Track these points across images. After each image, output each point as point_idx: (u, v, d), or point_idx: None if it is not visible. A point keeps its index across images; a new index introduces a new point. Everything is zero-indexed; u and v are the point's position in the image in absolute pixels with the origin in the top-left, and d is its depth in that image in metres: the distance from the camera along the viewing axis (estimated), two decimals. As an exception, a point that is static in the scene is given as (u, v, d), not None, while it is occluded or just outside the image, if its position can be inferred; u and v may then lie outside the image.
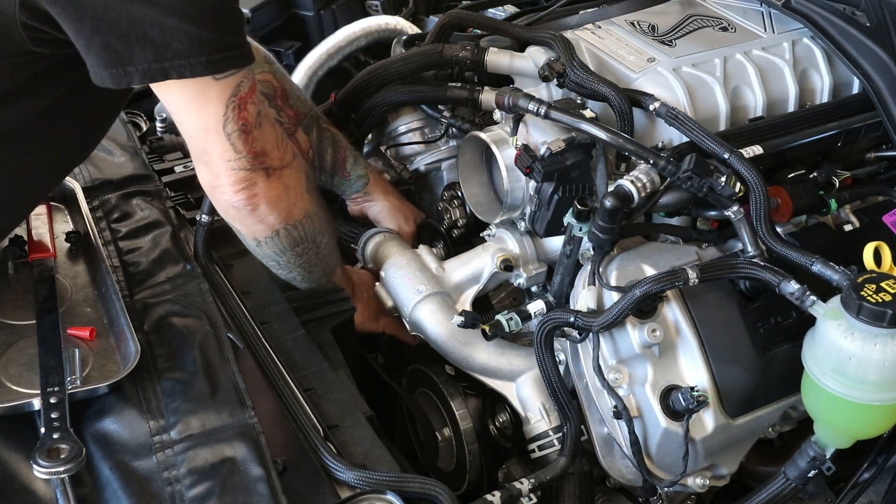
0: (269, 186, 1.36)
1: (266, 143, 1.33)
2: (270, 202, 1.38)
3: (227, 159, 1.31)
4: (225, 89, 1.24)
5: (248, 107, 1.28)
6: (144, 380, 1.35)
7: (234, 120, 1.27)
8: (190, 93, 1.24)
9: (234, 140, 1.29)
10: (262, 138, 1.32)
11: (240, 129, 1.28)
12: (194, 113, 1.27)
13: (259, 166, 1.33)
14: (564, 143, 1.41)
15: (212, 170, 1.33)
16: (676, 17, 1.69)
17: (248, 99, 1.27)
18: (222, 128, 1.27)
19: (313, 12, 2.27)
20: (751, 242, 1.32)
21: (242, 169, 1.32)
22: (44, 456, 1.20)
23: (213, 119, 1.26)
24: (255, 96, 1.29)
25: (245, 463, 1.23)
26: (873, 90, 1.50)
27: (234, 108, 1.26)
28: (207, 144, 1.30)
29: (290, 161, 1.39)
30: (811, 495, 1.55)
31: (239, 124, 1.28)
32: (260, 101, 1.31)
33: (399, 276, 1.58)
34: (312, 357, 1.52)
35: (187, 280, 1.55)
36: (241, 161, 1.31)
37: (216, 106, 1.25)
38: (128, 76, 1.19)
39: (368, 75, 1.71)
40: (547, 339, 1.36)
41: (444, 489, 1.24)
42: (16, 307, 1.50)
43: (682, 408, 1.29)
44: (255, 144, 1.31)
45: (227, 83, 1.24)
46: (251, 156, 1.32)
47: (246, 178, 1.33)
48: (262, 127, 1.31)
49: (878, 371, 1.15)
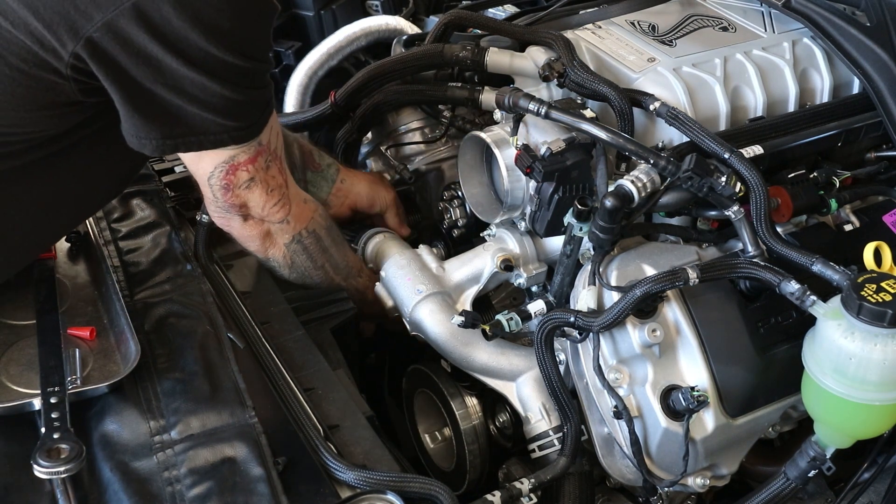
0: (244, 227, 1.49)
1: (248, 201, 1.44)
2: (245, 239, 1.52)
3: (209, 201, 1.45)
4: (219, 156, 1.35)
5: (237, 173, 1.38)
6: (145, 380, 1.36)
7: (218, 178, 1.38)
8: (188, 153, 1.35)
9: (215, 191, 1.41)
10: (245, 196, 1.42)
11: (222, 186, 1.40)
12: (188, 161, 1.41)
13: (236, 213, 1.46)
14: (565, 143, 1.41)
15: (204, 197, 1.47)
16: (677, 17, 1.69)
17: (239, 167, 1.37)
18: (206, 180, 1.39)
19: (313, 12, 2.27)
20: (751, 242, 1.32)
21: (219, 209, 1.45)
22: (44, 456, 1.20)
23: (201, 172, 1.39)
24: (251, 165, 1.38)
25: (245, 463, 1.23)
26: (873, 90, 1.50)
27: (223, 171, 1.37)
28: (195, 181, 1.45)
29: (277, 220, 1.49)
30: (811, 495, 1.55)
31: (222, 183, 1.39)
32: (260, 170, 1.40)
33: (399, 276, 1.58)
34: (312, 357, 1.52)
35: (187, 280, 1.55)
36: (220, 206, 1.44)
37: (206, 165, 1.37)
38: (141, 146, 1.28)
39: (368, 75, 1.71)
40: (547, 338, 1.36)
41: (444, 489, 1.24)
42: (16, 307, 1.50)
43: (683, 408, 1.29)
44: (235, 200, 1.42)
45: (222, 152, 1.34)
46: (228, 205, 1.43)
47: (225, 218, 1.48)
48: (249, 189, 1.41)
49: (879, 371, 1.15)
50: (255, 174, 1.39)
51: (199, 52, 1.19)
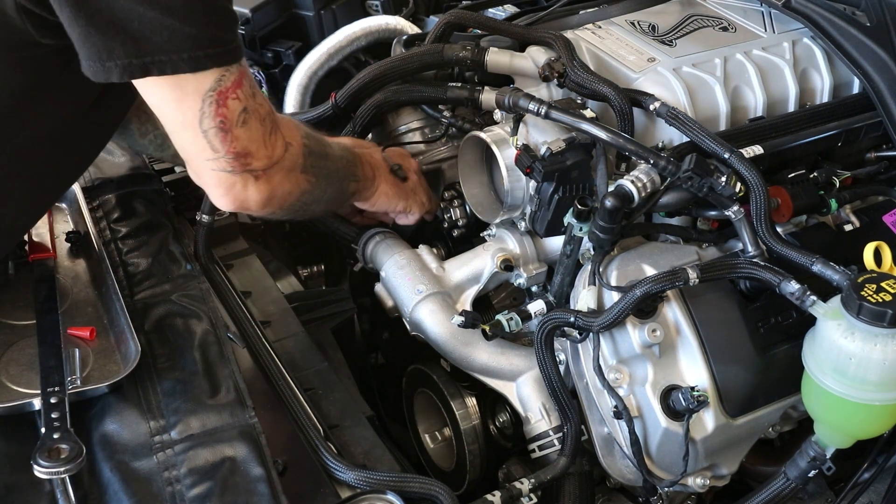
0: (258, 190, 1.29)
1: (250, 143, 1.25)
2: (261, 203, 1.31)
3: (205, 158, 1.24)
4: (203, 83, 1.18)
5: (228, 102, 1.21)
6: (145, 380, 1.36)
7: (211, 116, 1.20)
8: (167, 86, 1.18)
9: (210, 138, 1.22)
10: (244, 137, 1.24)
11: (217, 127, 1.21)
12: (172, 107, 1.21)
13: (242, 169, 1.26)
14: (565, 143, 1.41)
15: (195, 168, 1.28)
16: (677, 17, 1.69)
17: (229, 94, 1.21)
18: (198, 124, 1.21)
19: (313, 12, 2.27)
20: (751, 242, 1.32)
21: (223, 171, 1.25)
22: (44, 456, 1.20)
23: (190, 114, 1.20)
24: (240, 91, 1.22)
25: (245, 463, 1.23)
26: (873, 90, 1.50)
27: (212, 103, 1.20)
28: (185, 140, 1.24)
29: (279, 156, 1.30)
30: (811, 495, 1.56)
31: (216, 121, 1.21)
32: (248, 96, 1.24)
33: (399, 276, 1.58)
34: (312, 357, 1.52)
35: (187, 280, 1.55)
36: (221, 162, 1.24)
37: (193, 100, 1.19)
38: (106, 71, 1.15)
39: (368, 75, 1.70)
40: (547, 339, 1.36)
41: (445, 489, 1.24)
42: (16, 307, 1.50)
43: (683, 408, 1.29)
44: (236, 144, 1.23)
45: (206, 76, 1.18)
46: (231, 156, 1.24)
47: (229, 181, 1.26)
48: (246, 125, 1.24)
49: (879, 371, 1.15)
50: (245, 102, 1.23)
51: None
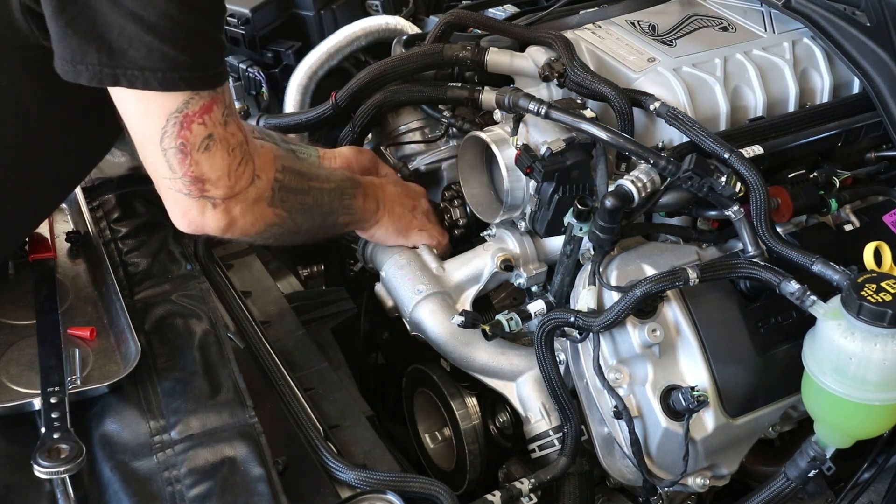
0: (216, 218, 1.27)
1: (210, 171, 1.23)
2: (219, 231, 1.29)
3: (163, 176, 1.23)
4: (169, 102, 1.18)
5: (192, 126, 1.19)
6: (145, 380, 1.36)
7: (172, 136, 1.19)
8: (134, 98, 1.18)
9: (169, 157, 1.20)
10: (205, 163, 1.22)
11: (177, 148, 1.20)
12: (137, 119, 1.20)
13: (199, 195, 1.24)
14: (565, 143, 1.41)
15: (155, 182, 1.26)
16: (676, 17, 1.69)
17: (194, 118, 1.19)
18: (159, 141, 1.20)
19: (313, 12, 2.27)
20: (751, 242, 1.32)
21: (179, 192, 1.23)
22: (44, 456, 1.20)
23: (152, 130, 1.19)
24: (207, 117, 1.20)
25: (245, 463, 1.23)
26: (873, 90, 1.50)
27: (175, 124, 1.19)
28: (145, 155, 1.23)
29: (242, 188, 1.28)
30: (811, 495, 1.56)
31: (177, 142, 1.19)
32: (217, 124, 1.22)
33: (399, 276, 1.58)
34: (312, 357, 1.52)
35: (187, 280, 1.55)
36: (177, 183, 1.22)
37: (157, 117, 1.18)
38: (76, 73, 1.15)
39: (368, 75, 1.70)
40: (547, 338, 1.36)
41: (444, 489, 1.24)
42: (16, 307, 1.50)
43: (683, 408, 1.29)
44: (194, 168, 1.21)
45: (173, 97, 1.17)
46: (188, 179, 1.22)
47: (186, 204, 1.25)
48: (209, 151, 1.21)
49: (879, 371, 1.15)
50: (212, 130, 1.21)
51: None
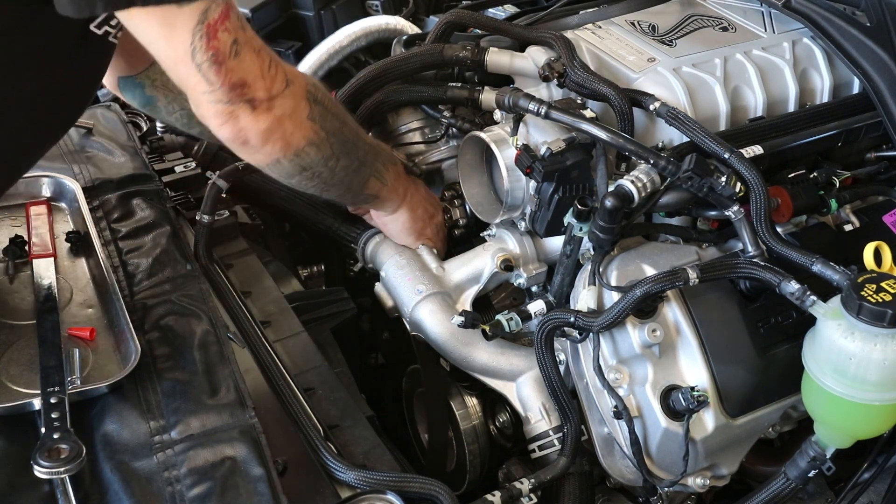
0: (256, 120, 1.27)
1: (246, 74, 1.23)
2: (260, 136, 1.29)
3: (202, 91, 1.22)
4: (191, 16, 1.16)
5: (218, 35, 1.19)
6: (144, 380, 1.35)
7: (202, 49, 1.18)
8: (155, 22, 1.17)
9: (205, 71, 1.20)
10: (239, 69, 1.22)
11: (210, 60, 1.19)
12: (163, 44, 1.19)
13: (239, 99, 1.24)
14: (564, 143, 1.41)
15: (193, 101, 1.26)
16: (676, 17, 1.69)
17: (218, 26, 1.18)
18: (191, 58, 1.19)
19: (313, 12, 2.27)
20: (751, 242, 1.33)
21: (219, 102, 1.23)
22: (44, 456, 1.20)
23: (181, 49, 1.18)
24: (228, 23, 1.20)
25: (245, 463, 1.23)
26: (873, 90, 1.50)
27: (202, 36, 1.18)
28: (180, 76, 1.23)
29: (280, 90, 1.28)
30: (811, 495, 1.56)
31: (209, 54, 1.19)
32: (237, 28, 1.22)
33: (399, 276, 1.58)
34: (312, 357, 1.52)
35: (187, 280, 1.55)
36: (218, 94, 1.22)
37: (182, 35, 1.17)
38: (90, 5, 1.12)
39: (368, 75, 1.70)
40: (547, 339, 1.36)
41: (444, 489, 1.24)
42: (16, 307, 1.50)
43: (683, 408, 1.29)
44: (231, 76, 1.22)
45: (193, 9, 1.16)
46: (227, 87, 1.22)
47: (226, 112, 1.25)
48: (239, 56, 1.22)
49: (879, 371, 1.15)
50: (236, 34, 1.21)
51: None
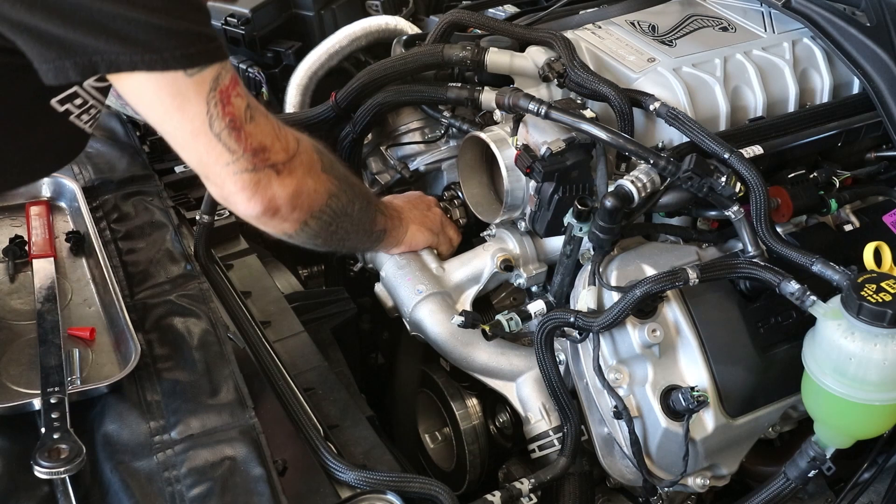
0: (283, 185, 1.27)
1: (263, 137, 1.23)
2: (290, 201, 1.29)
3: (225, 163, 1.21)
4: (202, 84, 1.15)
5: (232, 100, 1.18)
6: (144, 380, 1.36)
7: (219, 117, 1.18)
8: (166, 95, 1.15)
9: (224, 139, 1.19)
10: (257, 132, 1.22)
11: (228, 126, 1.19)
12: (177, 118, 1.18)
13: (264, 165, 1.24)
14: (564, 143, 1.41)
15: (215, 180, 1.24)
16: (676, 17, 1.69)
17: (230, 91, 1.18)
18: (209, 128, 1.18)
19: (313, 12, 2.27)
20: (751, 242, 1.33)
21: (246, 171, 1.23)
22: (44, 456, 1.20)
23: (198, 120, 1.17)
24: (238, 88, 1.20)
25: (245, 463, 1.23)
26: (873, 90, 1.50)
27: (217, 103, 1.17)
28: (199, 151, 1.21)
29: (295, 148, 1.29)
30: (811, 495, 1.56)
31: (226, 121, 1.18)
32: (246, 93, 1.22)
33: (399, 276, 1.58)
34: (312, 357, 1.52)
35: (187, 280, 1.55)
36: (242, 162, 1.22)
37: (197, 104, 1.16)
38: (93, 65, 1.09)
39: (368, 75, 1.70)
40: (547, 339, 1.36)
41: (444, 489, 1.24)
42: (16, 307, 1.51)
43: (683, 408, 1.29)
44: (251, 140, 1.22)
45: (203, 77, 1.15)
46: (250, 153, 1.22)
47: (254, 182, 1.24)
48: (254, 120, 1.22)
49: (878, 371, 1.15)
50: (247, 99, 1.21)
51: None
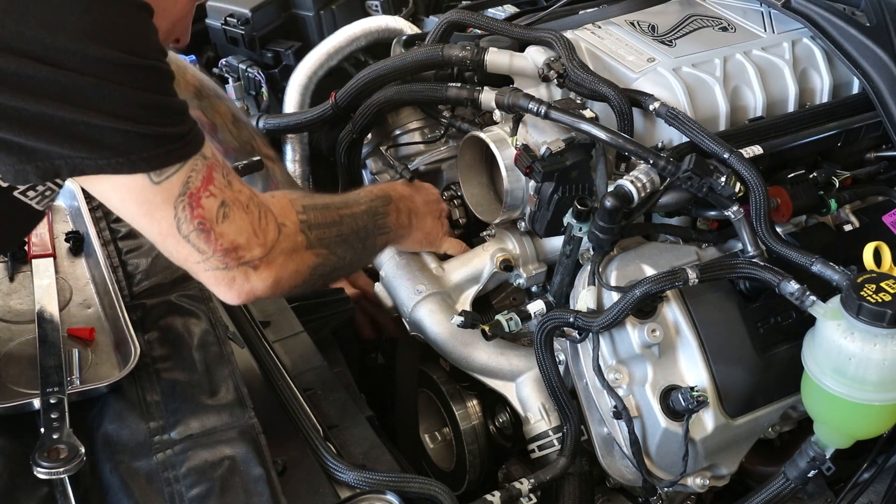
0: (261, 278, 1.23)
1: (238, 236, 1.19)
2: (268, 290, 1.25)
3: (195, 261, 1.19)
4: (170, 191, 1.12)
5: (202, 202, 1.14)
6: (144, 380, 1.35)
7: (188, 220, 1.14)
8: (132, 202, 1.12)
9: (193, 241, 1.16)
10: (229, 232, 1.18)
11: (197, 229, 1.15)
12: (145, 220, 1.15)
13: (237, 264, 1.20)
14: (564, 143, 1.41)
15: (188, 270, 1.22)
16: (676, 17, 1.69)
17: (201, 193, 1.14)
18: (177, 231, 1.15)
19: (313, 12, 2.27)
20: (751, 242, 1.32)
21: (217, 269, 1.19)
22: (44, 456, 1.20)
23: (165, 223, 1.14)
24: (213, 186, 1.15)
25: (245, 463, 1.23)
26: (873, 90, 1.50)
27: (185, 207, 1.14)
28: (169, 250, 1.18)
29: (275, 239, 1.24)
30: (811, 495, 1.55)
31: (195, 224, 1.15)
32: (223, 188, 1.17)
33: (399, 276, 1.58)
34: (312, 357, 1.52)
35: (187, 280, 1.55)
36: (212, 261, 1.18)
37: (164, 210, 1.13)
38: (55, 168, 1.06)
39: (368, 75, 1.70)
40: (547, 339, 1.36)
41: (444, 489, 1.24)
42: (16, 307, 1.51)
43: (682, 408, 1.29)
44: (222, 241, 1.17)
45: (171, 183, 1.12)
46: (221, 254, 1.18)
47: (229, 279, 1.21)
48: (228, 218, 1.17)
49: (878, 371, 1.15)
50: (222, 196, 1.17)
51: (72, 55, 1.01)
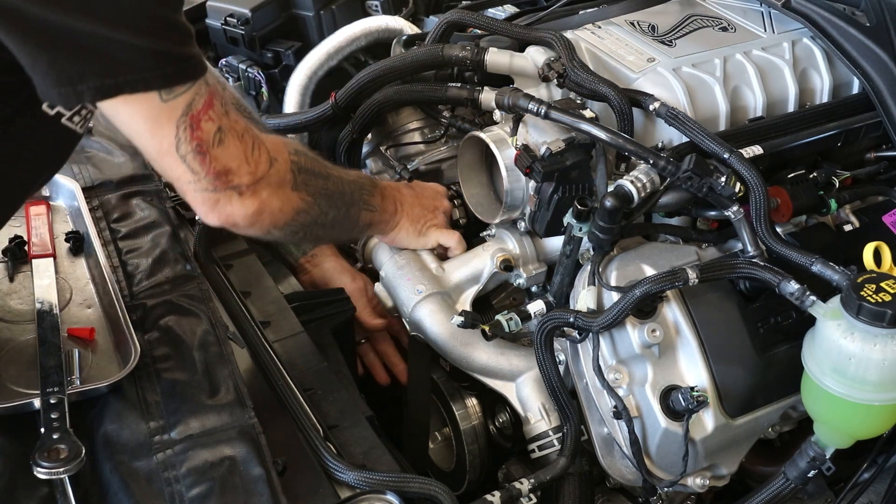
0: (242, 205, 1.29)
1: (230, 161, 1.25)
2: (248, 219, 1.31)
3: (187, 181, 1.24)
4: (175, 110, 1.18)
5: (202, 125, 1.21)
6: (144, 380, 1.35)
7: (187, 141, 1.20)
8: (141, 116, 1.18)
9: (189, 161, 1.22)
10: (223, 156, 1.24)
11: (194, 151, 1.21)
12: (148, 136, 1.21)
13: (225, 187, 1.26)
14: (564, 143, 1.41)
15: (178, 188, 1.28)
16: (676, 17, 1.69)
17: (201, 116, 1.21)
18: (175, 150, 1.21)
19: (313, 12, 2.27)
20: (751, 242, 1.33)
21: (205, 190, 1.25)
22: (44, 457, 1.20)
23: (166, 142, 1.20)
24: (212, 111, 1.22)
25: (245, 463, 1.23)
26: (873, 90, 1.50)
27: (186, 128, 1.20)
28: (164, 168, 1.24)
29: (264, 171, 1.30)
30: (811, 495, 1.55)
31: (193, 145, 1.21)
32: (221, 115, 1.24)
33: (399, 276, 1.58)
34: (312, 357, 1.52)
35: (187, 280, 1.55)
36: (203, 183, 1.24)
37: (167, 128, 1.19)
38: (78, 95, 1.12)
39: (368, 75, 1.70)
40: (547, 339, 1.36)
41: (444, 489, 1.24)
42: (16, 307, 1.51)
43: (682, 408, 1.29)
44: (215, 164, 1.24)
45: (177, 103, 1.18)
46: (212, 176, 1.24)
47: (213, 200, 1.27)
48: (223, 144, 1.24)
49: (878, 371, 1.15)
50: (219, 122, 1.23)
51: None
